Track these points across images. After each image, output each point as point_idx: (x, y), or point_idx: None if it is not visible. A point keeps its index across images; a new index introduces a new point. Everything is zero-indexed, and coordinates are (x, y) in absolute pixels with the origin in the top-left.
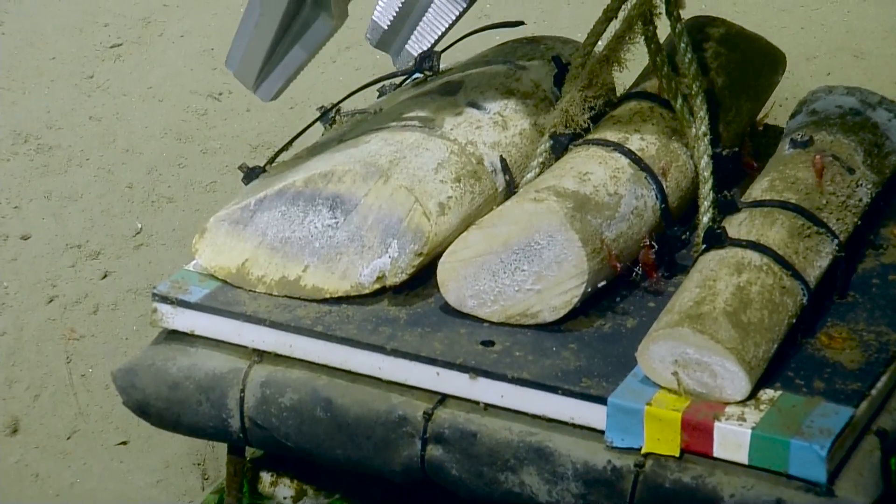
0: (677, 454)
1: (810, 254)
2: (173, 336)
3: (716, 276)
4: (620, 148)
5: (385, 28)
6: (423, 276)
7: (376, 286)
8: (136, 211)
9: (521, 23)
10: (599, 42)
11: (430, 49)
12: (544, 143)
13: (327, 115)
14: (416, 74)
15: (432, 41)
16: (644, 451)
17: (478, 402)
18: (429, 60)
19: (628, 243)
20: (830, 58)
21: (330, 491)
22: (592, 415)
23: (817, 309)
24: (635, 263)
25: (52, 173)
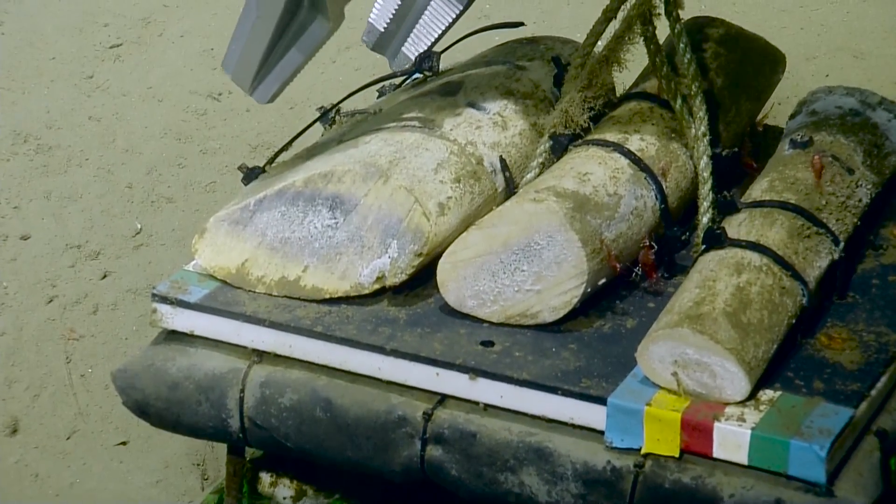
0: (677, 454)
1: (810, 254)
2: (173, 336)
3: (715, 277)
4: (620, 148)
5: (381, 30)
6: (423, 276)
7: (376, 286)
8: (135, 211)
9: (521, 23)
10: (599, 42)
11: (429, 49)
12: (544, 143)
13: (327, 115)
14: (416, 75)
15: (429, 43)
16: (644, 451)
17: (477, 403)
18: (428, 61)
19: (628, 244)
20: (830, 58)
21: (330, 491)
22: (592, 415)
23: (817, 309)
24: (635, 264)
25: (52, 173)
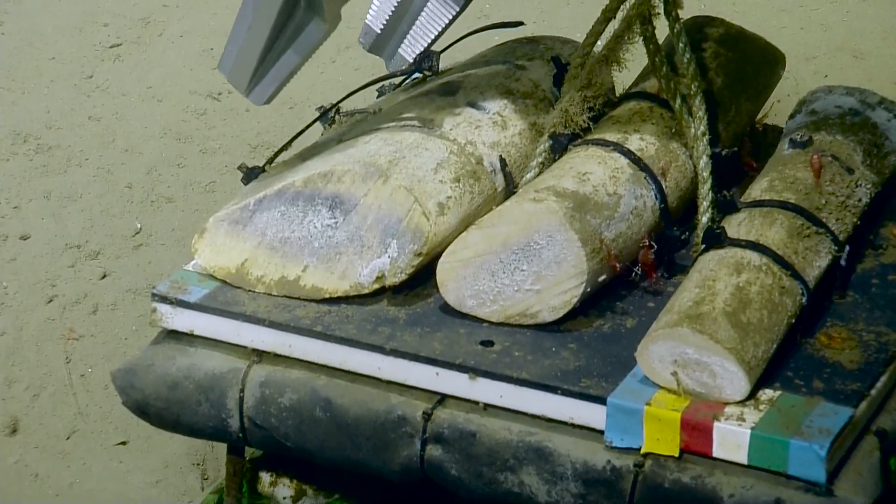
0: (677, 454)
1: (809, 254)
2: (173, 336)
3: (715, 276)
4: (620, 148)
5: (378, 32)
6: (423, 276)
7: (376, 286)
8: (135, 211)
9: (521, 23)
10: (598, 42)
11: (427, 48)
12: (544, 143)
13: (326, 115)
14: (416, 74)
15: (425, 45)
16: (643, 451)
17: (477, 402)
18: (428, 60)
19: (627, 243)
20: (830, 58)
21: (329, 491)
22: (592, 415)
23: (817, 309)
24: (635, 263)
25: (52, 173)
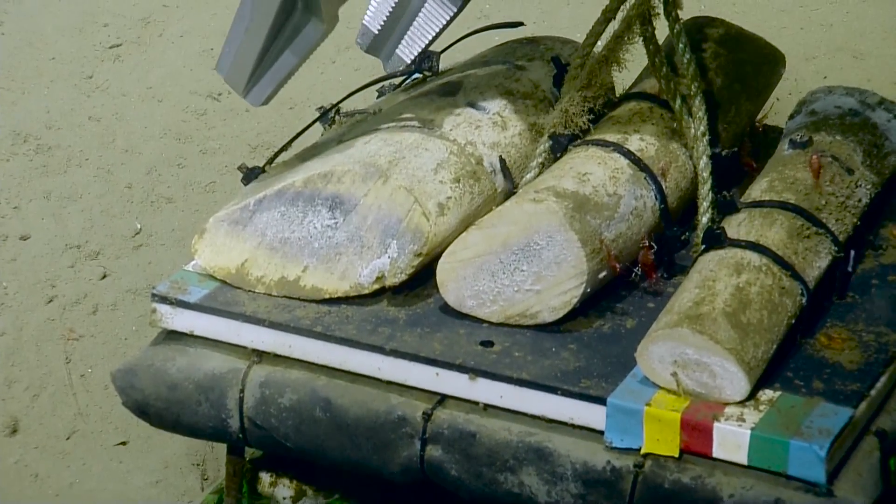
0: (676, 455)
1: (809, 254)
2: (172, 336)
3: (715, 277)
4: (620, 148)
5: (375, 32)
6: (423, 276)
7: (375, 286)
8: (135, 211)
9: (521, 23)
10: (598, 42)
11: (424, 49)
12: (543, 143)
13: (326, 115)
14: (416, 75)
15: (423, 45)
16: (643, 451)
17: (477, 403)
18: (428, 61)
19: (627, 244)
20: (830, 58)
21: (329, 491)
22: (592, 415)
23: (816, 309)
24: (634, 264)
25: (52, 173)
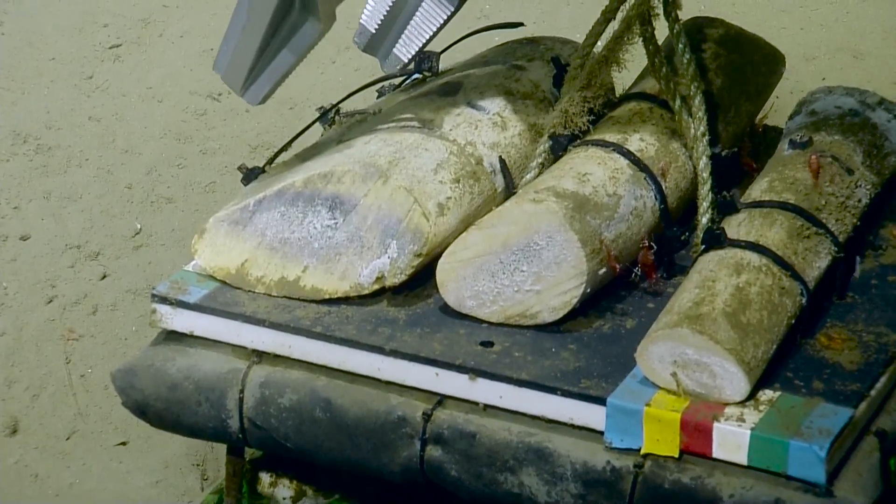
0: (676, 455)
1: (809, 254)
2: (172, 337)
3: (715, 277)
4: (619, 149)
5: (373, 31)
6: (423, 276)
7: (375, 287)
8: (135, 211)
9: (521, 24)
10: (598, 43)
11: (421, 48)
12: (543, 143)
13: (326, 115)
14: (416, 75)
15: (420, 45)
16: (643, 451)
17: (477, 403)
18: (428, 61)
19: (627, 244)
20: (830, 58)
21: (329, 491)
22: (592, 415)
23: (816, 309)
24: (634, 264)
25: (52, 173)
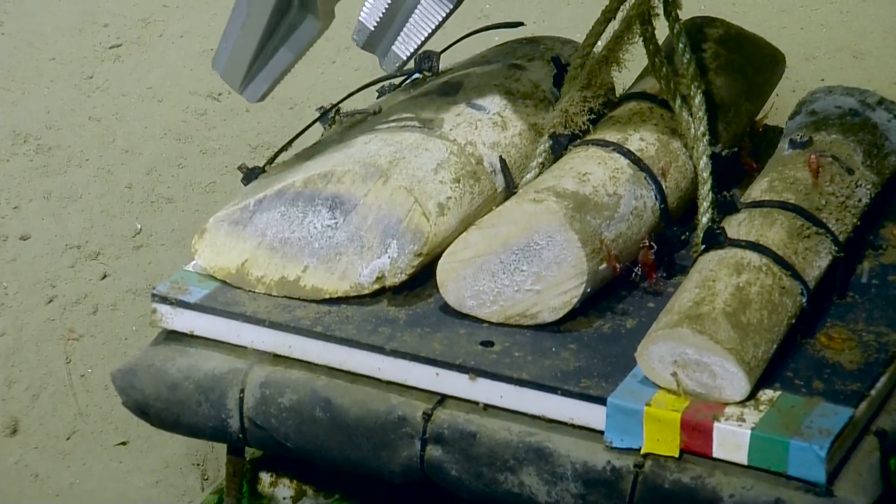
0: (677, 455)
1: (809, 254)
2: (172, 336)
3: (715, 277)
4: (620, 148)
5: (372, 29)
6: (423, 276)
7: (376, 286)
8: (135, 211)
9: (521, 23)
10: (598, 43)
11: (420, 46)
12: (544, 143)
13: (327, 115)
14: (416, 75)
15: (419, 42)
16: (643, 451)
17: (477, 403)
18: (428, 61)
19: (628, 244)
20: (830, 58)
21: (329, 491)
22: (592, 415)
23: (817, 309)
24: (635, 264)
25: (52, 173)
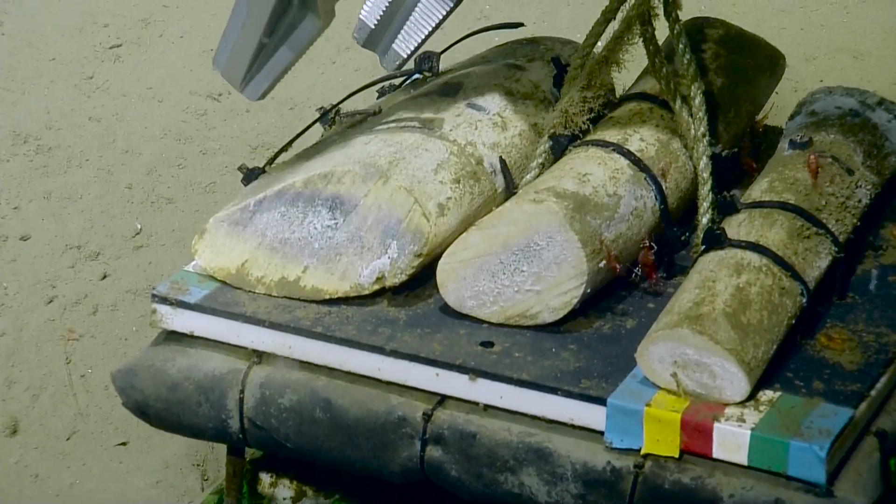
0: (677, 455)
1: (809, 255)
2: (173, 337)
3: (715, 277)
4: (620, 149)
5: (372, 27)
6: (423, 276)
7: (376, 287)
8: (135, 211)
9: (521, 24)
10: (598, 43)
11: (420, 44)
12: (544, 143)
13: (327, 115)
14: (416, 75)
15: (419, 41)
16: (643, 451)
17: (477, 403)
18: (428, 61)
19: (628, 244)
20: (830, 59)
21: (329, 492)
22: (592, 416)
23: (816, 310)
24: (635, 264)
25: (52, 174)
